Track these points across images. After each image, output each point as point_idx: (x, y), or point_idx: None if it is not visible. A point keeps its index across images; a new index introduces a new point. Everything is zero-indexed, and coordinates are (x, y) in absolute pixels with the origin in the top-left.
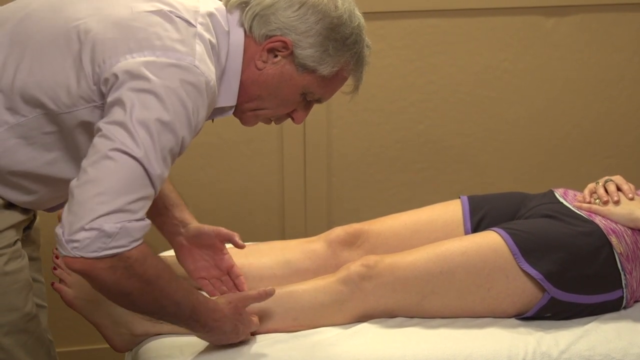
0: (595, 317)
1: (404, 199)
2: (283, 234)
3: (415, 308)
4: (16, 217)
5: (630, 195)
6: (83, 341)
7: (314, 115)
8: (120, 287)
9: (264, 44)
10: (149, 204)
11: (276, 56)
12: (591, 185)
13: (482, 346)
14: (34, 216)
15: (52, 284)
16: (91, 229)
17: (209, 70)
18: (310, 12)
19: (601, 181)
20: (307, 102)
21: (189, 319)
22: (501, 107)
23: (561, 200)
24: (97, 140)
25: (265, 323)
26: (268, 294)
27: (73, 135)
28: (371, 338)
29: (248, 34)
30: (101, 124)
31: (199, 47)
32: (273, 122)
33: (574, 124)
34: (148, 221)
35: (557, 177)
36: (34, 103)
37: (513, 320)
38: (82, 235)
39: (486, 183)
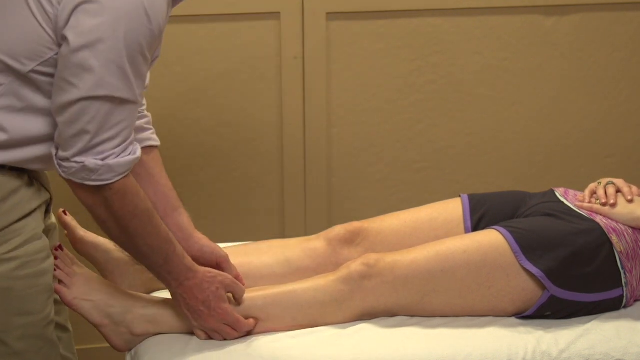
0: (595, 316)
1: (403, 198)
2: (283, 234)
3: (416, 307)
4: (42, 196)
5: (629, 197)
6: (83, 340)
7: (314, 115)
8: (96, 213)
9: None
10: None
11: None
12: (592, 186)
13: (482, 345)
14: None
15: None
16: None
17: None
18: None
19: (603, 182)
20: None
21: (161, 268)
22: (501, 107)
23: (562, 199)
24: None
25: (264, 322)
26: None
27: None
28: (371, 337)
29: None
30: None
31: None
32: None
33: (574, 124)
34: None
35: (557, 177)
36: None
37: (513, 320)
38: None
39: (486, 183)
